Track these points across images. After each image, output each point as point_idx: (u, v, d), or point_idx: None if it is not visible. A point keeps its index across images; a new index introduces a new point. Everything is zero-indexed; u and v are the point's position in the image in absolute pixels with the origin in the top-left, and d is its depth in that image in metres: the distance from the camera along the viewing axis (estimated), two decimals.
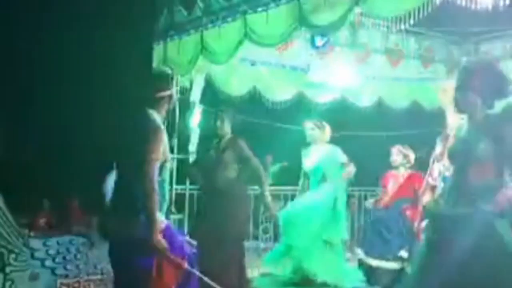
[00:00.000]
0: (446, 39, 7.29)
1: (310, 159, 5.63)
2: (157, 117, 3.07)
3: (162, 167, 3.02)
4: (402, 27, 4.51)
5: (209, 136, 5.10)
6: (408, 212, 5.52)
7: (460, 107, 3.01)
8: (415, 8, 4.07)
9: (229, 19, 5.17)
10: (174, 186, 6.24)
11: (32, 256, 4.05)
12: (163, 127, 3.07)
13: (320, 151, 5.63)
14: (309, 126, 5.65)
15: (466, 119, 3.05)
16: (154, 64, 6.33)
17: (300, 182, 5.90)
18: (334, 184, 5.50)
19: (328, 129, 5.69)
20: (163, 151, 2.98)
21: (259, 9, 4.82)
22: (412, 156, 5.78)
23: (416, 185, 5.54)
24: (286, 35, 4.72)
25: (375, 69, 7.08)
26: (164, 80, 3.18)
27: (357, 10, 4.30)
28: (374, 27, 5.81)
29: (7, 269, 3.91)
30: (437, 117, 7.49)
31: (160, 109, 3.12)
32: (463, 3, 4.39)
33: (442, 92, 6.29)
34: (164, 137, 3.03)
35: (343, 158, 5.60)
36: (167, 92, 3.14)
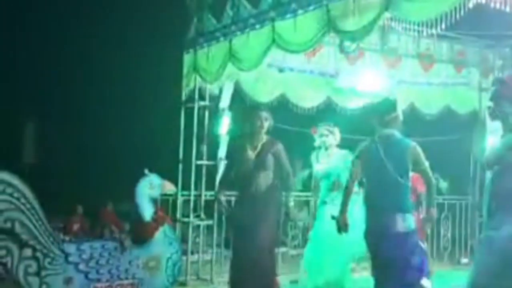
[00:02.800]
0: (479, 43, 7.16)
1: (321, 164, 5.38)
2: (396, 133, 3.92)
3: None
4: (434, 31, 4.45)
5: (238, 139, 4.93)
6: None
7: (493, 115, 3.14)
8: (447, 12, 4.00)
9: (258, 26, 5.20)
10: (204, 192, 6.29)
11: (66, 260, 4.12)
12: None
13: (333, 155, 5.40)
14: (322, 132, 5.38)
15: (501, 126, 3.09)
16: (184, 72, 6.42)
17: (312, 186, 5.76)
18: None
19: (337, 133, 5.47)
20: None
21: (287, 15, 4.84)
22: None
23: (418, 187, 5.33)
24: (315, 41, 4.71)
25: (406, 74, 7.01)
26: (392, 106, 3.99)
27: (387, 14, 4.26)
28: (404, 31, 5.76)
29: (43, 273, 4.00)
30: (470, 122, 7.36)
31: (392, 128, 3.92)
32: (497, 6, 4.30)
33: None
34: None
35: None
36: (395, 114, 3.93)
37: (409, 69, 6.96)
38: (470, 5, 4.05)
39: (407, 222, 3.74)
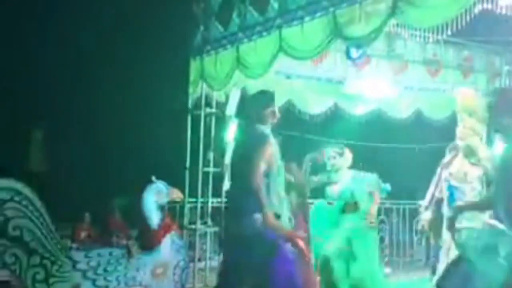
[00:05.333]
0: (486, 48, 7.14)
1: (334, 186, 5.29)
2: (266, 130, 3.50)
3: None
4: (440, 37, 4.45)
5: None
6: None
7: (494, 127, 3.11)
8: (453, 18, 4.01)
9: (265, 33, 5.21)
10: (210, 199, 6.29)
11: (74, 268, 4.14)
12: (270, 138, 3.45)
13: (344, 177, 5.26)
14: (330, 154, 5.28)
15: (502, 138, 3.08)
16: (191, 79, 6.45)
17: None
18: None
19: (348, 154, 5.34)
20: (269, 158, 3.37)
21: (294, 22, 4.85)
22: None
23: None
24: (321, 48, 4.72)
25: (413, 80, 6.99)
26: (270, 99, 3.64)
27: (393, 21, 4.26)
28: (411, 37, 5.75)
29: (51, 280, 4.02)
30: None
31: (267, 123, 3.54)
32: (503, 12, 4.29)
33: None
34: (270, 146, 3.40)
35: (370, 186, 5.23)
36: (271, 109, 3.57)
37: (416, 75, 6.95)
38: (477, 11, 4.05)
39: (255, 223, 3.30)
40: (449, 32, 4.18)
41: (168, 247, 4.49)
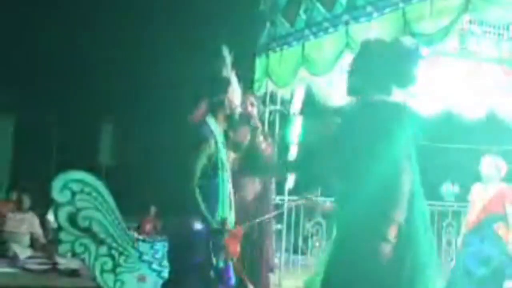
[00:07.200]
0: None
1: None
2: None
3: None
4: None
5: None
6: (500, 232, 5.06)
7: (347, 89, 2.71)
8: None
9: (331, 30, 5.14)
10: (273, 197, 6.28)
11: (140, 259, 4.26)
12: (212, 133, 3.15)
13: None
14: None
15: (354, 102, 2.71)
16: (256, 76, 6.46)
17: None
18: None
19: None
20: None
21: (362, 19, 4.75)
22: (505, 168, 5.28)
23: (507, 199, 5.09)
24: None
25: (485, 80, 6.68)
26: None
27: (466, 17, 4.09)
28: (484, 35, 5.50)
29: (118, 270, 4.16)
30: None
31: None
32: None
33: None
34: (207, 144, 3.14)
35: None
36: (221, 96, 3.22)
37: (489, 74, 6.63)
38: None
39: None
40: None
41: None
